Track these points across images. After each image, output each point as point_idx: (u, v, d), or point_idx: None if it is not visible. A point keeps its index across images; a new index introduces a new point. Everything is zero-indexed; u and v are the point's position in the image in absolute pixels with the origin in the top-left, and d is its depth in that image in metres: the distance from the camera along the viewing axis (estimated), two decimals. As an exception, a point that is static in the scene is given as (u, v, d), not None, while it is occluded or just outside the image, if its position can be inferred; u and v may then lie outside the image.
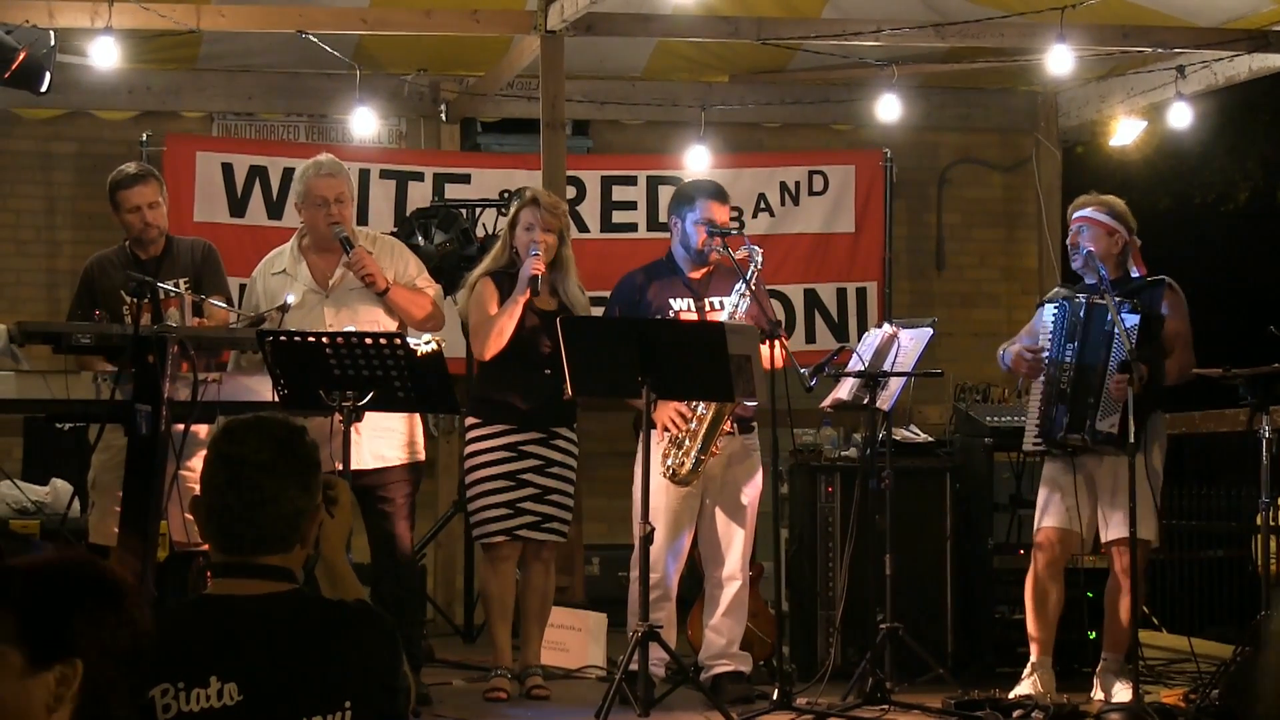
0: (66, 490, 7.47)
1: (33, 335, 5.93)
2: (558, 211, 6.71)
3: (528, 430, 6.65)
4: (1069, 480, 6.55)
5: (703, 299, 6.80)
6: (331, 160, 6.76)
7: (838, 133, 10.01)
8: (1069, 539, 6.58)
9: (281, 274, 6.69)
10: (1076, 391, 6.52)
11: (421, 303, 6.61)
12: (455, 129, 9.60)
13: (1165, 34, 8.46)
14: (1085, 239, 6.68)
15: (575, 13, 7.64)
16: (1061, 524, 6.56)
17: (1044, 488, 6.68)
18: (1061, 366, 6.57)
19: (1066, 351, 6.58)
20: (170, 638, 2.93)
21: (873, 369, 6.63)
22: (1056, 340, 6.61)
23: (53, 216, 9.29)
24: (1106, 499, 6.53)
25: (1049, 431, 6.55)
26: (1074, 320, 6.58)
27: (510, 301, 6.58)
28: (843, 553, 6.97)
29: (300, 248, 6.72)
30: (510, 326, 6.59)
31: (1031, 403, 6.67)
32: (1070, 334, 6.58)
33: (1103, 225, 6.68)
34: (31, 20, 7.16)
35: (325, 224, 6.55)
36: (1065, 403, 6.53)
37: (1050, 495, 6.63)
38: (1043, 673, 6.56)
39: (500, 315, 6.60)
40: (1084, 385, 6.50)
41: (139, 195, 6.64)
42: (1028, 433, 6.66)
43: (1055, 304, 6.69)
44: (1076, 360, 6.54)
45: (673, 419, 6.55)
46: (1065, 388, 6.54)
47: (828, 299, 9.46)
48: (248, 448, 2.85)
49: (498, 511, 6.65)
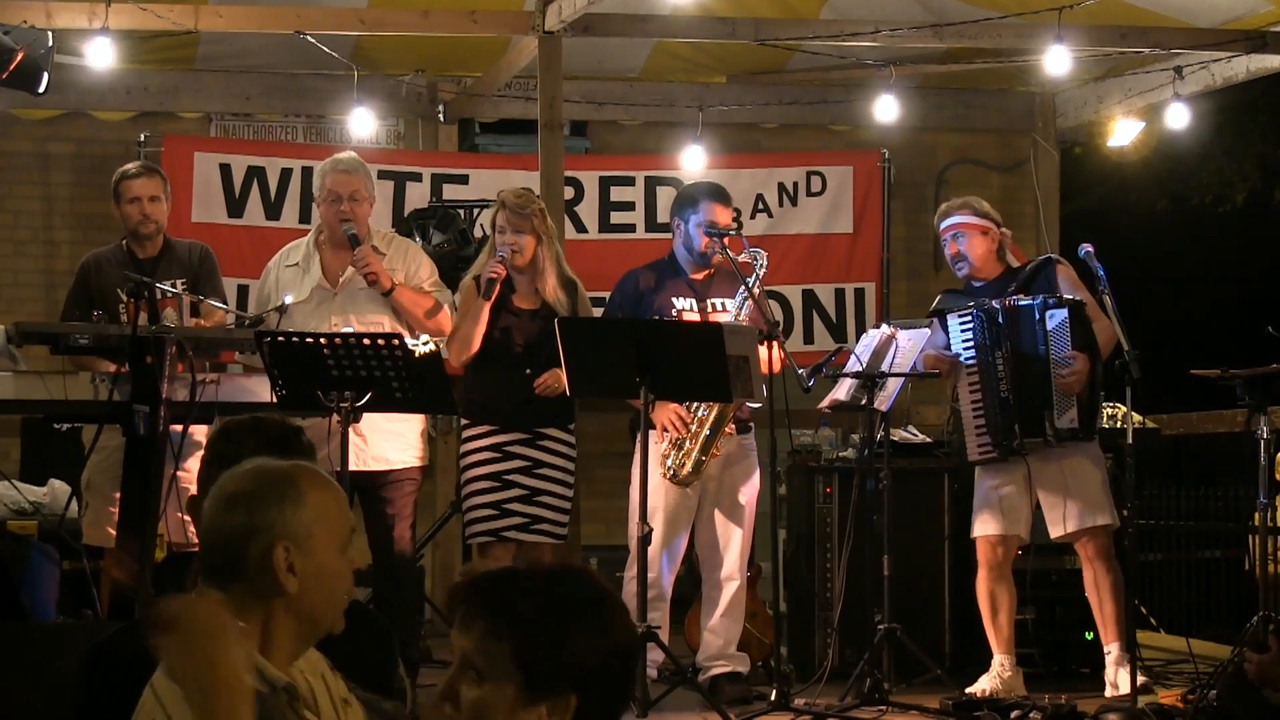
0: (65, 491, 7.46)
1: (30, 336, 5.93)
2: (525, 212, 6.65)
3: (511, 430, 6.65)
4: (1016, 479, 6.56)
5: (705, 300, 6.80)
6: (352, 158, 6.79)
7: (835, 133, 10.01)
8: (1008, 543, 6.65)
9: (295, 266, 6.73)
10: (1021, 396, 6.51)
11: (427, 306, 6.62)
12: (453, 130, 9.60)
13: (1163, 35, 8.46)
14: (964, 245, 6.70)
15: (573, 13, 7.64)
16: (998, 530, 6.61)
17: (982, 491, 6.68)
18: (994, 374, 6.56)
19: (995, 359, 6.56)
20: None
21: (870, 370, 6.63)
22: (981, 351, 6.59)
23: (50, 217, 9.28)
24: (1059, 493, 6.54)
25: (1001, 440, 6.53)
26: (993, 328, 6.56)
27: (475, 307, 6.59)
28: (840, 553, 6.97)
29: (317, 242, 6.76)
30: (476, 332, 6.59)
31: (965, 414, 6.66)
32: (994, 342, 6.56)
33: (976, 226, 6.71)
34: (29, 21, 7.15)
35: (337, 220, 6.57)
36: (1010, 409, 6.53)
37: (987, 499, 6.64)
38: (1002, 670, 6.61)
39: (464, 322, 6.61)
40: (1029, 388, 6.50)
41: (141, 187, 6.67)
42: (970, 443, 6.65)
43: (962, 316, 6.66)
44: (1011, 366, 6.53)
45: (672, 420, 6.55)
46: (1006, 395, 6.53)
47: (826, 300, 9.45)
48: (245, 448, 2.86)
49: (485, 512, 6.65)
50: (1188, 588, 9.31)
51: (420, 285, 6.70)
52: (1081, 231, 8.01)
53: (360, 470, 6.16)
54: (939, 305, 6.84)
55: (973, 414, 6.63)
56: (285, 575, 2.58)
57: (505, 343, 6.66)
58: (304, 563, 2.59)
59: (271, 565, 2.57)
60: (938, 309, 6.82)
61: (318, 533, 2.61)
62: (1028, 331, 6.53)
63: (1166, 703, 6.40)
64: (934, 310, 6.84)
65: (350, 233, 6.53)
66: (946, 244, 6.78)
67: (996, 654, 6.67)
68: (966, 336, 6.65)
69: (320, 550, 2.61)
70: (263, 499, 2.59)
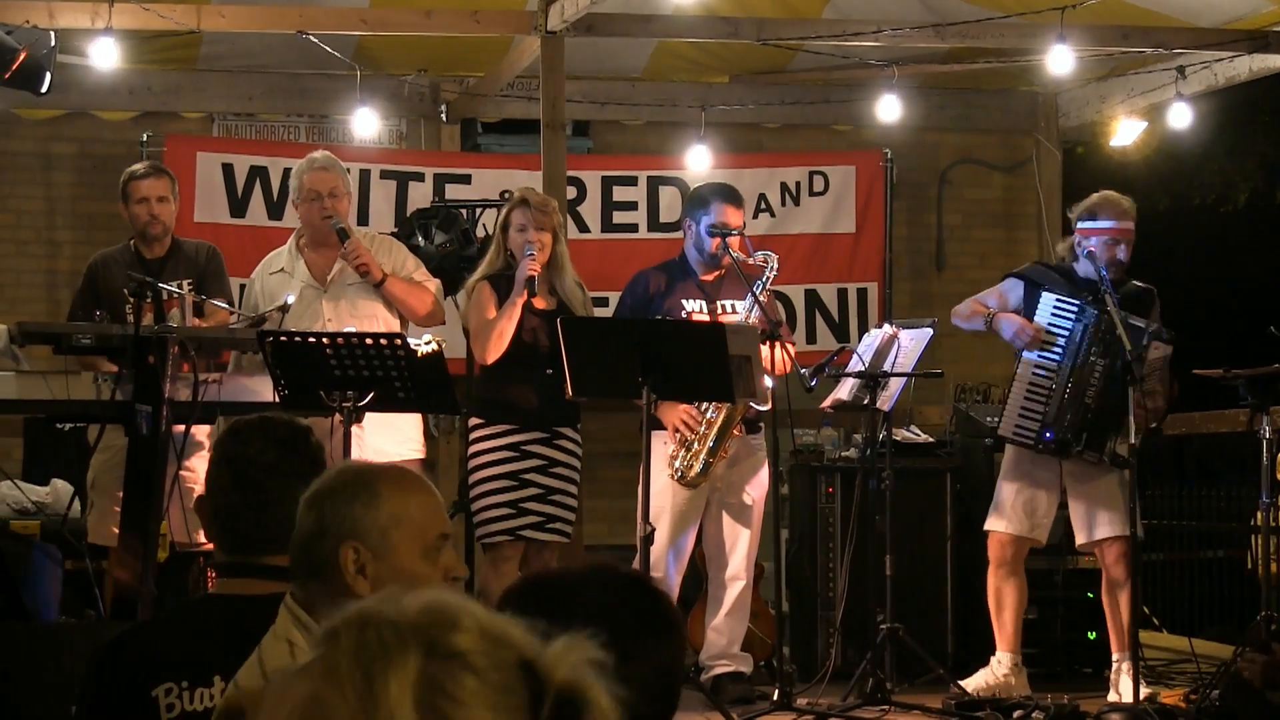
0: (67, 490, 7.47)
1: (33, 336, 5.94)
2: (548, 209, 6.69)
3: (531, 430, 6.65)
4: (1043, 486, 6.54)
5: (715, 301, 6.81)
6: (326, 156, 6.79)
7: (838, 133, 10.00)
8: (1021, 544, 6.63)
9: (280, 273, 6.72)
10: (1101, 410, 6.46)
11: (420, 295, 6.63)
12: (455, 129, 9.60)
13: (1165, 34, 8.46)
14: (1124, 253, 6.61)
15: (575, 13, 7.64)
16: (1011, 530, 6.59)
17: (1009, 482, 6.64)
18: (1085, 375, 6.50)
19: (1094, 362, 6.51)
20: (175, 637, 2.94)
21: (873, 369, 6.63)
22: (1080, 345, 6.53)
23: (53, 217, 9.27)
24: (1090, 501, 6.53)
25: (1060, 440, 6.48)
26: (1098, 332, 6.50)
27: (509, 304, 6.58)
28: (843, 553, 6.98)
29: (298, 246, 6.76)
30: (510, 329, 6.58)
31: (1018, 391, 6.58)
32: (1100, 346, 6.48)
33: (1132, 233, 6.66)
34: (32, 21, 7.16)
35: (320, 218, 6.57)
36: (1086, 416, 6.47)
37: (1008, 498, 6.61)
38: (998, 666, 6.61)
39: (500, 318, 6.60)
40: (1109, 405, 6.44)
41: (150, 188, 6.69)
42: (1009, 419, 6.57)
43: (1065, 301, 6.60)
44: (1104, 376, 6.47)
45: (684, 421, 6.55)
46: (1090, 401, 6.48)
47: (828, 299, 9.45)
48: (253, 448, 2.86)
49: (500, 511, 6.65)
50: (1190, 587, 9.31)
51: (410, 275, 6.71)
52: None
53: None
54: (1029, 273, 6.78)
55: (1028, 397, 6.55)
56: (355, 578, 2.48)
57: (525, 342, 6.65)
58: (377, 566, 2.48)
59: (339, 565, 2.48)
60: (1029, 276, 6.74)
61: (394, 536, 2.50)
62: (1127, 351, 6.47)
63: (1169, 703, 6.40)
64: (1021, 274, 6.78)
65: (338, 226, 6.54)
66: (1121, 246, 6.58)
67: (999, 650, 6.67)
68: (1064, 322, 6.56)
69: (398, 554, 2.50)
70: (337, 498, 2.49)
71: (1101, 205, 6.72)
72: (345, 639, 1.31)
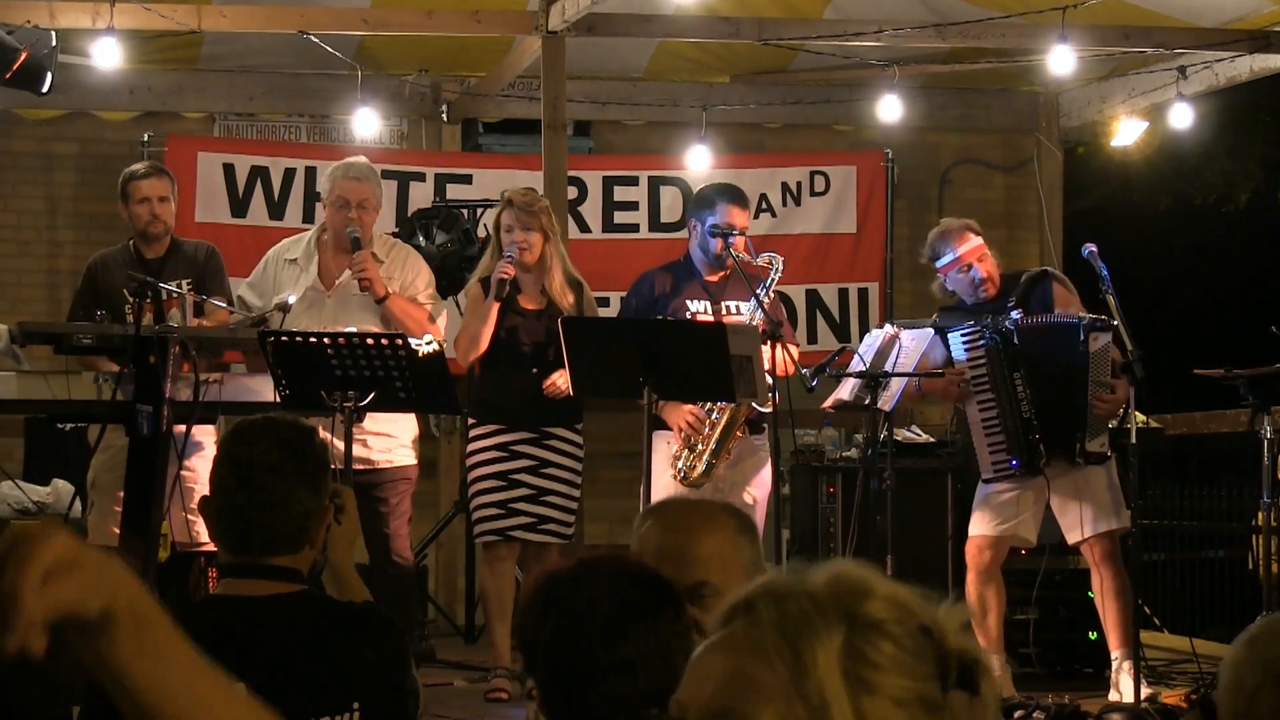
0: (68, 490, 7.47)
1: (34, 336, 5.94)
2: (534, 210, 6.66)
3: (518, 430, 6.66)
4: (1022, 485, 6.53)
5: (719, 302, 6.80)
6: (364, 165, 6.80)
7: (839, 133, 10.01)
8: (999, 545, 6.61)
9: (293, 263, 6.73)
10: (1048, 415, 6.46)
11: (419, 318, 6.61)
12: (456, 129, 9.60)
13: (1166, 34, 8.46)
14: (980, 272, 6.63)
15: (576, 13, 7.64)
16: (987, 532, 6.57)
17: (981, 492, 6.64)
18: (1011, 394, 6.50)
19: (1013, 380, 6.51)
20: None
21: (874, 369, 6.63)
22: (994, 369, 6.53)
23: (54, 217, 9.28)
24: (1074, 499, 6.53)
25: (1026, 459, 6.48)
26: (1008, 348, 6.49)
27: (484, 307, 6.60)
28: (844, 553, 6.97)
29: (319, 241, 6.77)
30: (485, 332, 6.59)
31: (976, 432, 6.59)
32: (1010, 362, 6.50)
33: (984, 246, 6.69)
34: (33, 21, 7.16)
35: (343, 224, 6.60)
36: (1033, 429, 6.49)
37: (985, 499, 6.61)
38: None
39: (473, 322, 6.62)
40: (1058, 408, 6.44)
41: (150, 188, 6.69)
42: (983, 461, 6.56)
43: (966, 334, 6.59)
44: (1035, 386, 6.48)
45: (689, 421, 6.54)
46: (1028, 415, 6.49)
47: (829, 299, 9.45)
48: (257, 449, 2.86)
49: (491, 511, 6.66)
50: (1191, 587, 9.31)
51: (415, 295, 6.71)
52: (1085, 231, 8.00)
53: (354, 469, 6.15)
54: (934, 324, 6.79)
55: (985, 432, 6.57)
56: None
57: (512, 342, 6.66)
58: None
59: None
60: (935, 327, 6.76)
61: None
62: (1065, 350, 6.43)
63: (1170, 702, 6.40)
64: (934, 325, 6.80)
65: (354, 235, 6.54)
66: (973, 269, 6.65)
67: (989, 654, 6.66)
68: (976, 355, 6.58)
69: None
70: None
71: (939, 240, 6.77)
72: (764, 612, 1.34)
